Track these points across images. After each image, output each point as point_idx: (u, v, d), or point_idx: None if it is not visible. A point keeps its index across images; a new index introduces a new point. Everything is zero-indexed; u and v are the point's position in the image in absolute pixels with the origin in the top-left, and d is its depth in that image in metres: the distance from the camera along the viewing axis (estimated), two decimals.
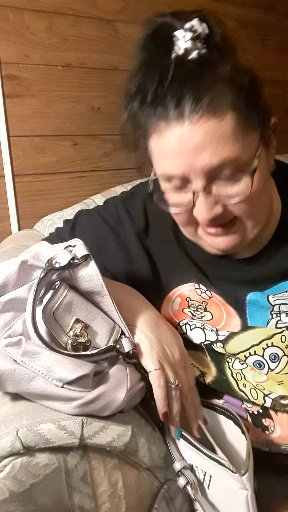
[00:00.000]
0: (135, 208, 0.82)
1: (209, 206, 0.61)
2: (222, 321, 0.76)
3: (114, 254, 0.81)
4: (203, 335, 0.76)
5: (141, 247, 0.80)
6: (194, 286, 0.77)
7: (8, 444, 0.51)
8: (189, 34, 0.58)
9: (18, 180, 1.35)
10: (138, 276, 0.79)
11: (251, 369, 0.74)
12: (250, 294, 0.74)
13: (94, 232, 0.83)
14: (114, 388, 0.58)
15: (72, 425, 0.54)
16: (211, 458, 0.61)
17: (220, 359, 0.77)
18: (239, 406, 0.77)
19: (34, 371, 0.55)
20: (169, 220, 0.76)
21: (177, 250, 0.78)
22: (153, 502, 0.61)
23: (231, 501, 0.62)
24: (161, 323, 0.71)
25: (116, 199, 0.87)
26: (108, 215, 0.84)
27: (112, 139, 1.50)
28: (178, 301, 0.78)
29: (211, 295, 0.76)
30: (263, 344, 0.72)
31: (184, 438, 0.64)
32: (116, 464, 0.58)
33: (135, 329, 0.67)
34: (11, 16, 1.28)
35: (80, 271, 0.61)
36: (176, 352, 0.67)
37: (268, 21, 1.84)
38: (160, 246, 0.80)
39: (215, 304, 0.76)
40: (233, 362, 0.76)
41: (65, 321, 0.60)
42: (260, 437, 0.76)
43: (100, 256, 0.78)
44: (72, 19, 1.39)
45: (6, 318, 0.59)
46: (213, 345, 0.75)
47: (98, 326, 0.62)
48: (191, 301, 0.78)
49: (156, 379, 0.63)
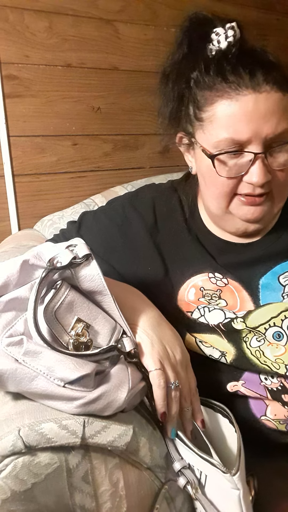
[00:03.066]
0: (143, 205, 0.84)
1: (265, 171, 0.69)
2: (236, 306, 0.78)
3: (121, 252, 0.82)
4: (223, 314, 0.78)
5: (151, 243, 0.82)
6: (207, 275, 0.80)
7: (10, 443, 0.51)
8: (231, 32, 0.71)
9: (18, 180, 1.35)
10: (149, 272, 0.81)
11: (269, 344, 0.76)
12: (263, 278, 0.78)
13: (100, 232, 0.84)
14: (116, 388, 0.58)
15: (73, 425, 0.54)
16: (203, 459, 0.61)
17: (237, 339, 0.78)
18: (258, 384, 0.78)
19: (35, 371, 0.55)
20: (181, 214, 0.82)
21: (190, 242, 0.81)
22: (154, 502, 0.61)
23: (225, 500, 0.62)
24: (163, 323, 0.71)
25: (122, 199, 0.88)
26: (114, 215, 0.85)
27: (112, 139, 1.51)
28: (193, 292, 0.80)
29: (227, 281, 0.79)
30: (281, 315, 0.76)
31: (178, 438, 0.64)
32: (117, 464, 0.58)
33: (137, 329, 0.67)
34: (11, 16, 1.28)
35: (81, 270, 0.61)
36: (177, 353, 0.68)
37: (268, 21, 1.84)
38: (171, 240, 0.82)
39: (229, 291, 0.78)
40: (250, 341, 0.77)
41: (66, 320, 0.59)
42: (278, 413, 0.77)
43: (107, 256, 0.80)
44: (72, 19, 1.39)
45: (8, 317, 0.59)
46: (233, 322, 0.77)
47: (100, 325, 0.62)
48: (205, 290, 0.79)
49: (156, 378, 0.63)
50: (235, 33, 0.71)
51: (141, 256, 0.81)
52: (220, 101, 0.68)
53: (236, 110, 0.67)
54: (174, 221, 0.83)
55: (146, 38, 1.55)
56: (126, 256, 0.82)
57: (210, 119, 0.70)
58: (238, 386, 0.79)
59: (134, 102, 1.53)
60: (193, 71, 0.72)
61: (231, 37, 0.70)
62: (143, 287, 0.76)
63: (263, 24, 1.82)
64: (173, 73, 0.75)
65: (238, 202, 0.73)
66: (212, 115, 0.70)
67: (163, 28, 1.57)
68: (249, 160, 0.69)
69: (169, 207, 0.84)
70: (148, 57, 1.54)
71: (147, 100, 1.55)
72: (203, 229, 0.82)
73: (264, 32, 1.83)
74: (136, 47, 1.53)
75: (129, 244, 0.82)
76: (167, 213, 0.83)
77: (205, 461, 0.61)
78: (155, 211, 0.84)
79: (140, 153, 1.57)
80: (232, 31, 0.71)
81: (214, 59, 0.71)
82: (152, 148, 1.60)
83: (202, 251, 0.81)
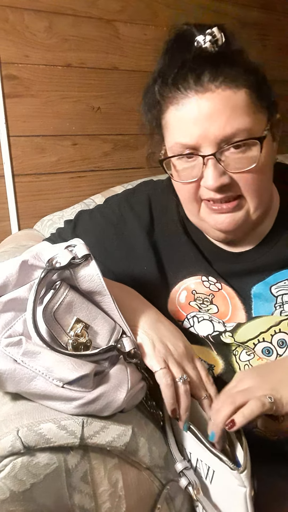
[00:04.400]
0: (139, 204, 0.83)
1: (217, 174, 0.65)
2: (228, 314, 0.77)
3: (117, 252, 0.81)
4: (211, 326, 0.77)
5: (147, 242, 0.80)
6: (201, 279, 0.78)
7: (9, 443, 0.51)
8: (209, 37, 0.68)
9: (18, 180, 1.35)
10: (144, 272, 0.80)
11: (258, 358, 0.75)
12: (254, 288, 0.76)
13: (95, 231, 0.83)
14: (115, 388, 0.58)
15: (72, 425, 0.54)
16: (213, 454, 0.62)
17: (227, 352, 0.77)
18: None
19: (34, 371, 0.55)
20: (177, 213, 0.80)
21: (186, 243, 0.80)
22: (155, 502, 0.61)
23: (231, 497, 0.62)
24: (162, 320, 0.71)
25: (118, 197, 0.87)
26: (110, 214, 0.84)
27: (112, 139, 1.51)
28: (184, 294, 0.79)
29: (220, 287, 0.77)
30: (271, 330, 0.74)
31: (191, 431, 0.64)
32: (116, 464, 0.58)
33: (137, 329, 0.67)
34: (11, 16, 1.28)
35: (80, 271, 0.61)
36: (180, 346, 0.68)
37: (268, 21, 1.84)
38: (167, 239, 0.81)
39: (222, 297, 0.77)
40: (239, 354, 0.77)
41: (65, 321, 0.60)
42: (269, 426, 0.76)
43: (102, 255, 0.79)
44: (72, 19, 1.39)
45: (7, 318, 0.59)
46: (222, 336, 0.76)
47: (99, 326, 0.62)
48: (197, 293, 0.78)
49: (162, 378, 0.63)
50: (213, 38, 0.68)
51: (137, 255, 0.80)
52: (170, 107, 0.68)
53: (183, 114, 0.66)
54: (170, 220, 0.82)
55: (146, 38, 1.55)
56: (121, 256, 0.81)
57: (166, 126, 0.70)
58: None
59: (134, 102, 1.53)
60: (155, 83, 0.71)
61: (208, 43, 0.68)
62: (139, 287, 0.75)
63: (263, 24, 1.82)
64: (147, 86, 0.73)
65: (206, 210, 0.71)
66: (166, 122, 0.70)
67: (163, 28, 1.57)
68: (202, 164, 0.66)
69: (165, 206, 0.82)
70: (148, 57, 1.54)
71: None
72: (198, 232, 0.80)
73: (264, 32, 1.83)
74: (136, 47, 1.53)
75: (125, 244, 0.81)
76: (163, 212, 0.82)
77: (215, 456, 0.61)
78: (151, 209, 0.82)
79: (140, 153, 1.57)
80: (209, 36, 0.68)
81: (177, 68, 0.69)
82: None
83: (197, 254, 0.79)
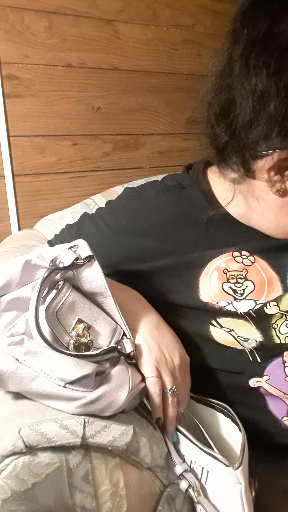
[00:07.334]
0: (145, 205, 0.80)
1: None
2: (264, 290, 0.74)
3: (124, 262, 0.78)
4: (253, 302, 0.74)
5: (158, 240, 0.77)
6: (231, 254, 0.75)
7: (10, 443, 0.51)
8: None
9: (18, 180, 1.35)
10: (158, 268, 0.77)
11: None
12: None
13: (99, 243, 0.79)
14: (116, 389, 0.58)
15: (74, 424, 0.54)
16: (206, 453, 0.62)
17: (266, 326, 0.74)
18: (283, 379, 0.75)
19: (36, 371, 0.55)
20: (204, 208, 0.75)
21: (216, 228, 0.76)
22: (157, 503, 0.61)
23: (227, 496, 0.62)
24: (162, 327, 0.70)
25: (123, 201, 0.84)
26: (114, 222, 0.81)
27: (112, 139, 1.51)
28: (216, 275, 0.75)
29: (254, 259, 0.75)
30: None
31: (181, 433, 0.65)
32: (117, 464, 0.58)
33: (135, 334, 0.67)
34: (11, 16, 1.29)
35: (83, 271, 0.61)
36: (176, 357, 0.67)
37: None
38: (185, 235, 0.77)
39: (256, 271, 0.74)
40: (279, 327, 0.74)
41: (67, 321, 0.60)
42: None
43: (107, 259, 0.77)
44: (72, 19, 1.39)
45: (9, 317, 0.59)
46: (266, 307, 0.73)
47: (101, 326, 0.62)
48: (229, 272, 0.75)
49: (151, 386, 0.63)
50: None
51: (147, 257, 0.77)
52: None
53: None
54: (190, 217, 0.77)
55: (146, 38, 1.55)
56: (128, 266, 0.78)
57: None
58: (262, 382, 0.75)
59: (134, 102, 1.53)
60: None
61: None
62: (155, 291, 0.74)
63: None
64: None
65: None
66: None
67: (163, 28, 1.57)
68: None
69: (182, 204, 0.77)
70: (148, 57, 1.55)
71: (147, 100, 1.56)
72: (234, 220, 0.75)
73: None
74: (136, 47, 1.53)
75: (132, 253, 0.78)
76: (180, 211, 0.78)
77: (208, 454, 0.61)
78: (160, 207, 0.78)
79: (140, 153, 1.58)
80: None
81: None
82: (152, 148, 1.60)
83: (226, 234, 0.75)
